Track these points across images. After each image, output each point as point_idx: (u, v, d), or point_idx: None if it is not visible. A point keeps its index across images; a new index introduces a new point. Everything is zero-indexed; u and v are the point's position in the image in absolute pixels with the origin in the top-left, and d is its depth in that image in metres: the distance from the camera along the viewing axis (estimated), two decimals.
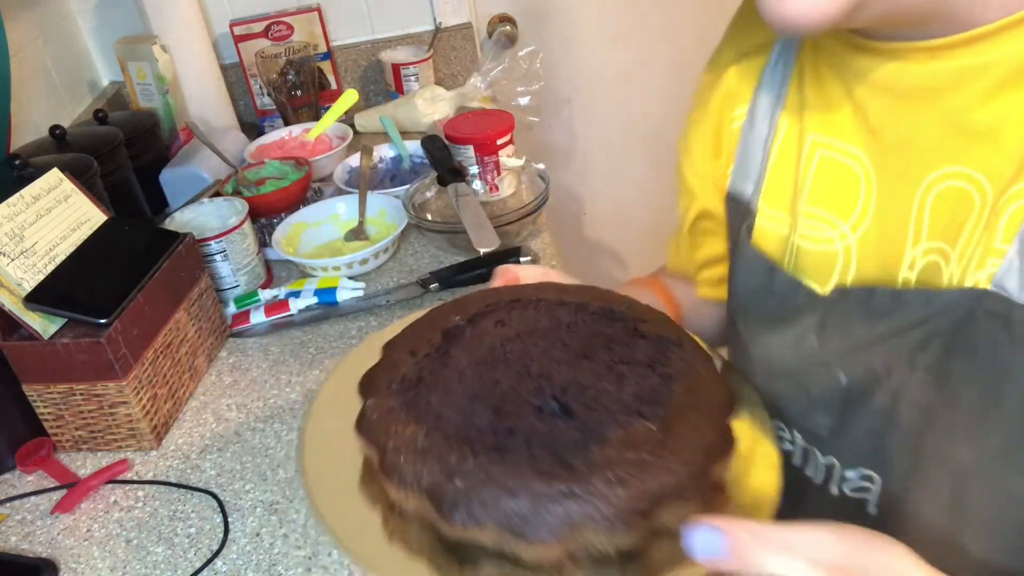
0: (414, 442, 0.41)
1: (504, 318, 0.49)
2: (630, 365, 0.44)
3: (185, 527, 0.73)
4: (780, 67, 0.58)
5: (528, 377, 0.44)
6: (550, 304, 0.50)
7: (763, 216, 0.59)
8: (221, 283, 1.01)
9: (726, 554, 0.34)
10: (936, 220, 0.47)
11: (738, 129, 0.61)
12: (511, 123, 1.16)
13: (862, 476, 0.55)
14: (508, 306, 0.50)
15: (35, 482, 0.81)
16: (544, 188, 1.07)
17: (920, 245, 0.48)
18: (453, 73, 1.65)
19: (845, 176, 0.53)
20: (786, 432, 0.60)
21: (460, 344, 0.47)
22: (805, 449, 0.59)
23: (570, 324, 0.48)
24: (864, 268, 0.52)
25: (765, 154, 0.58)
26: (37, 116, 1.24)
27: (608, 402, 0.42)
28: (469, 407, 0.42)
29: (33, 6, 1.32)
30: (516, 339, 0.47)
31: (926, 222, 0.48)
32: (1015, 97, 0.43)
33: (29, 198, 0.80)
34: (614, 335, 0.47)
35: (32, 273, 0.77)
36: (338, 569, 0.66)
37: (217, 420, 0.86)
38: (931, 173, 0.47)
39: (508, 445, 0.39)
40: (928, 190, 0.48)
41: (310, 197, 1.20)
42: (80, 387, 0.79)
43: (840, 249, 0.53)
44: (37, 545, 0.73)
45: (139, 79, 1.37)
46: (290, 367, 0.92)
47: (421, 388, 0.44)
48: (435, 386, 0.44)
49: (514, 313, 0.49)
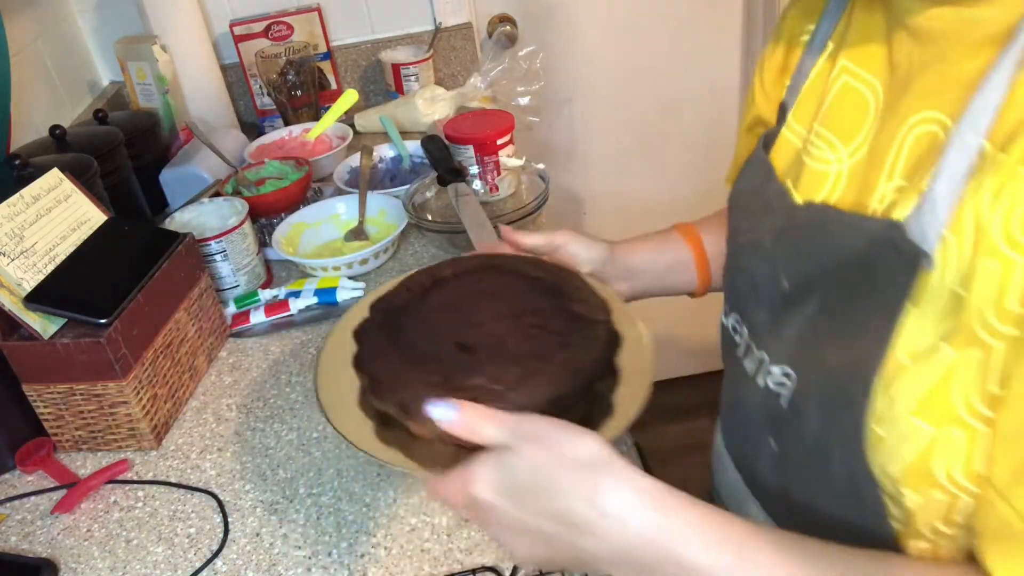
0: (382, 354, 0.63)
1: (482, 277, 0.70)
2: (541, 329, 0.62)
3: (185, 527, 0.73)
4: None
5: (467, 323, 0.64)
6: (517, 275, 0.68)
7: (788, 130, 0.63)
8: (221, 283, 1.01)
9: (455, 420, 0.50)
10: (908, 159, 0.50)
11: (803, 45, 0.64)
12: (511, 123, 1.16)
13: (783, 373, 0.58)
14: (488, 269, 0.71)
15: (35, 482, 0.81)
16: (544, 188, 1.07)
17: (892, 182, 0.51)
18: (453, 73, 1.65)
19: (858, 104, 0.56)
20: (741, 326, 0.67)
21: (441, 289, 0.69)
22: (748, 344, 0.65)
23: (521, 292, 0.67)
24: (846, 194, 0.55)
25: (806, 72, 0.62)
26: (37, 116, 1.24)
27: (503, 351, 0.61)
28: (422, 333, 0.64)
29: (33, 6, 1.32)
30: (478, 294, 0.68)
31: (901, 160, 0.51)
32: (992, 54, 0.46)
33: (29, 198, 0.80)
34: (546, 307, 0.64)
35: (32, 273, 0.77)
36: (338, 569, 0.67)
37: (217, 420, 0.86)
38: (918, 113, 0.50)
39: (426, 361, 0.61)
40: (910, 130, 0.50)
41: (310, 197, 1.20)
42: (80, 387, 0.79)
43: (833, 172, 0.56)
44: (37, 545, 0.73)
45: (139, 79, 1.37)
46: (290, 367, 0.92)
47: (401, 313, 0.68)
48: (410, 313, 0.67)
49: (489, 275, 0.70)
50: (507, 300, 0.67)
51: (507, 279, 0.69)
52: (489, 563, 0.64)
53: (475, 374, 0.59)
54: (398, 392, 0.59)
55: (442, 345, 0.63)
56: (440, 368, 0.60)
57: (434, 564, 0.65)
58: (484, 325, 0.64)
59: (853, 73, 0.57)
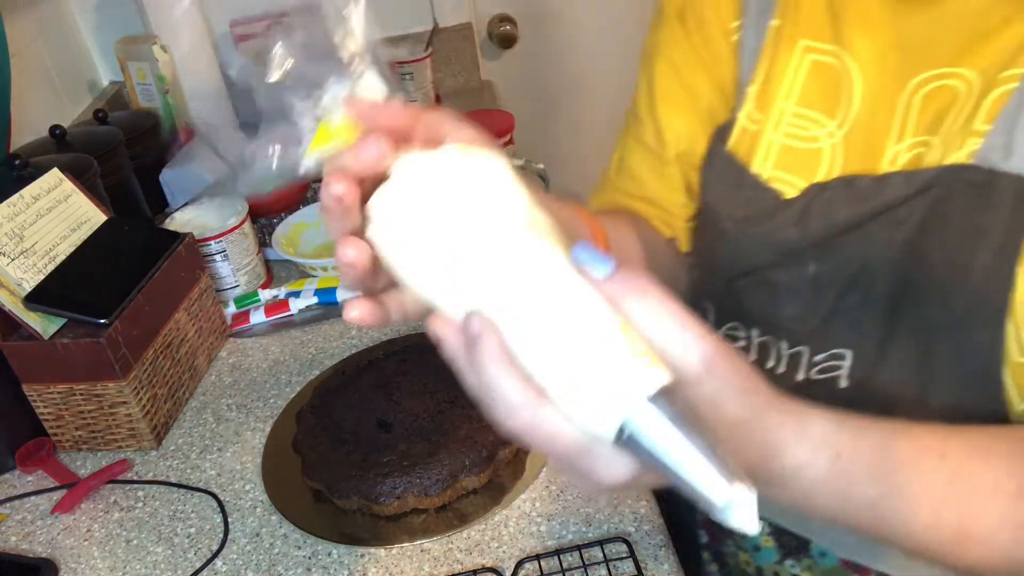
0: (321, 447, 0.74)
1: (408, 357, 0.81)
2: (452, 404, 0.73)
3: (185, 527, 0.73)
4: None
5: (389, 402, 0.75)
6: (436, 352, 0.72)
7: (745, 118, 0.61)
8: (221, 283, 1.01)
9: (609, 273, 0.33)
10: (922, 117, 0.51)
11: (734, 32, 0.62)
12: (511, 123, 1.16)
13: (830, 356, 0.58)
14: (415, 349, 0.82)
15: (35, 482, 0.81)
16: (544, 188, 1.07)
17: (904, 141, 0.52)
18: (453, 73, 1.65)
19: (833, 77, 0.55)
20: (742, 331, 0.64)
21: (373, 369, 0.81)
22: (762, 343, 0.63)
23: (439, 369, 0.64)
24: (849, 164, 0.55)
25: (754, 61, 0.60)
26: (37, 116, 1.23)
27: (416, 427, 0.71)
28: (351, 413, 0.76)
29: (33, 6, 1.32)
30: (402, 373, 0.79)
31: (913, 120, 0.51)
32: (1014, 5, 0.47)
33: (29, 198, 0.80)
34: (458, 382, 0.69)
35: (32, 273, 0.77)
36: (338, 569, 0.66)
37: (217, 420, 0.86)
38: (923, 72, 0.50)
39: (348, 441, 0.72)
40: (917, 89, 0.51)
41: (310, 197, 1.20)
42: (80, 387, 0.79)
43: (827, 147, 0.56)
44: (37, 545, 0.73)
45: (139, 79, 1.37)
46: (290, 367, 0.92)
47: (336, 395, 0.79)
48: (343, 394, 0.79)
49: (414, 354, 0.81)
50: (424, 378, 0.77)
51: (428, 357, 0.78)
52: (489, 563, 0.65)
53: (389, 451, 0.70)
54: (324, 472, 0.71)
55: (366, 424, 0.74)
56: (360, 447, 0.71)
57: (434, 564, 0.65)
58: (402, 403, 0.75)
59: (817, 50, 0.57)
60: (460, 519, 0.68)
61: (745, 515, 0.29)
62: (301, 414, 0.79)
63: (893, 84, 0.52)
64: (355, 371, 0.82)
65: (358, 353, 0.88)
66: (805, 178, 0.57)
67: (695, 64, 0.65)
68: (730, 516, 0.29)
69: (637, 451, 0.30)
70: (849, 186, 0.54)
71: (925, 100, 0.51)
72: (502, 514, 0.69)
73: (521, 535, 0.67)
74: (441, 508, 0.69)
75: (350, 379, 0.81)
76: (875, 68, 0.54)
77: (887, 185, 0.52)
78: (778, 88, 0.59)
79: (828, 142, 0.56)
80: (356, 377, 0.81)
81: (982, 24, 0.48)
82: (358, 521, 0.70)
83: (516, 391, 0.32)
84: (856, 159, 0.55)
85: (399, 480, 0.68)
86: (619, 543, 0.63)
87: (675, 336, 0.33)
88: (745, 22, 0.61)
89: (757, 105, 0.60)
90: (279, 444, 0.79)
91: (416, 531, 0.68)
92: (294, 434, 0.78)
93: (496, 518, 0.68)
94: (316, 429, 0.75)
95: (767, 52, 0.59)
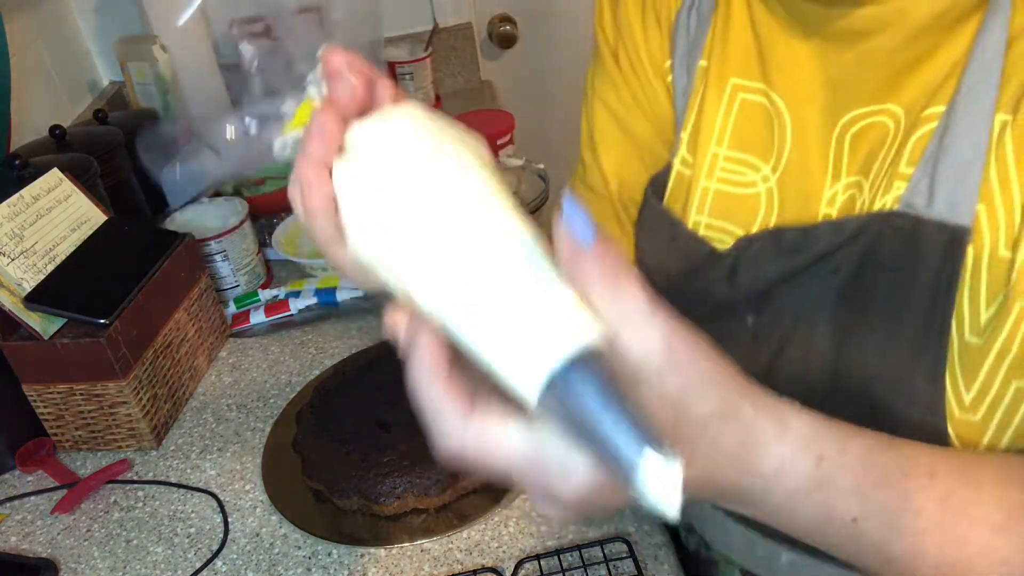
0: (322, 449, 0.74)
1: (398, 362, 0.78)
2: None
3: (185, 527, 0.73)
4: (696, 10, 0.57)
5: (387, 402, 0.76)
6: None
7: (679, 163, 0.58)
8: (221, 283, 1.01)
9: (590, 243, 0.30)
10: (854, 156, 0.49)
11: (667, 72, 0.59)
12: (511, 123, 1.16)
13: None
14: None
15: (35, 482, 0.81)
16: (544, 188, 1.07)
17: (840, 181, 0.50)
18: (453, 73, 1.65)
19: (765, 118, 0.53)
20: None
21: (372, 370, 0.82)
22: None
23: None
24: (785, 209, 0.53)
25: (685, 102, 0.58)
26: (37, 116, 1.23)
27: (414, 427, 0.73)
28: (351, 413, 0.76)
29: (33, 6, 1.32)
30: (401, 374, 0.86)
31: (845, 159, 0.50)
32: (936, 38, 0.46)
33: (29, 198, 0.80)
34: None
35: (32, 273, 0.77)
36: (338, 569, 0.66)
37: (217, 420, 0.86)
38: (852, 111, 0.49)
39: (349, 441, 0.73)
40: (847, 127, 0.49)
41: None
42: (80, 387, 0.79)
43: (763, 191, 0.54)
44: (37, 545, 0.73)
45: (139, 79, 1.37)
46: (290, 367, 0.92)
47: (336, 395, 0.79)
48: (343, 395, 0.79)
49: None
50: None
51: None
52: (489, 563, 0.64)
53: (389, 451, 0.70)
54: (324, 472, 0.72)
55: (366, 424, 0.74)
56: (360, 447, 0.71)
57: (434, 564, 0.65)
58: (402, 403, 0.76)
59: (747, 88, 0.54)
60: (460, 519, 0.68)
61: (660, 488, 0.26)
62: (301, 414, 0.79)
63: (823, 123, 0.50)
64: (355, 371, 0.82)
65: (358, 353, 0.88)
66: (742, 226, 0.55)
67: (632, 106, 0.62)
68: (645, 489, 0.26)
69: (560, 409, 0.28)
70: (777, 240, 0.52)
71: (855, 139, 0.49)
72: (502, 514, 0.69)
73: (521, 535, 0.67)
74: (441, 508, 0.69)
75: (350, 379, 0.81)
76: (804, 108, 0.52)
77: (815, 237, 0.50)
78: (710, 131, 0.56)
79: (763, 186, 0.54)
80: (356, 377, 0.81)
81: (902, 59, 0.47)
82: (358, 521, 0.70)
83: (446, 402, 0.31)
84: (793, 204, 0.52)
85: (399, 480, 0.68)
86: (619, 543, 0.63)
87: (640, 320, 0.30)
88: (675, 61, 0.58)
89: (689, 149, 0.57)
90: (279, 444, 0.79)
91: (416, 531, 0.68)
92: (294, 434, 0.78)
93: (496, 518, 0.69)
94: (316, 429, 0.75)
95: (696, 93, 0.57)
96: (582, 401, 0.27)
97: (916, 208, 0.46)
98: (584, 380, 0.27)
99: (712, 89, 0.56)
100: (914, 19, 0.45)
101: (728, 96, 0.55)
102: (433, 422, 0.33)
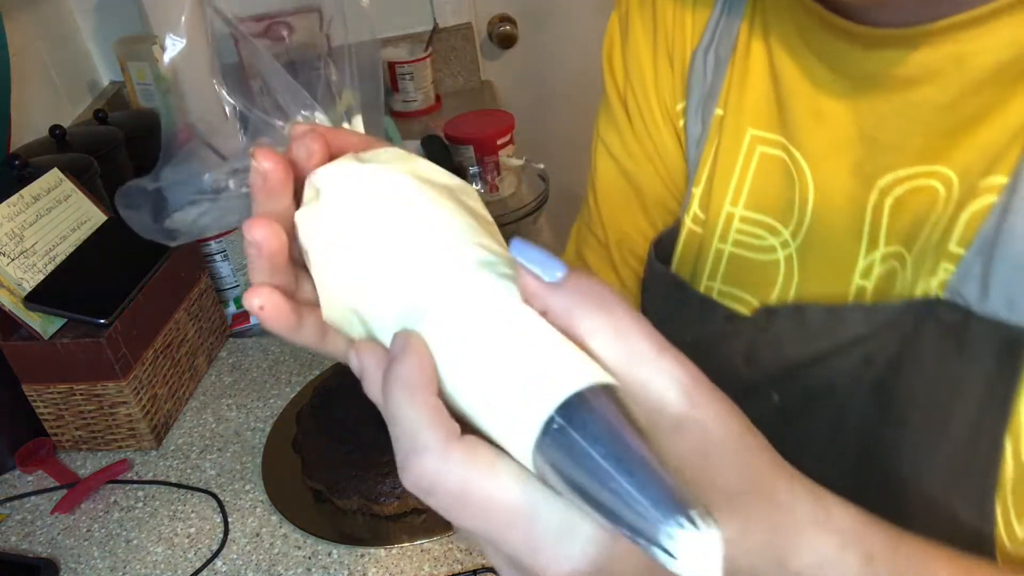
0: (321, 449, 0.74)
1: None
2: None
3: (185, 527, 0.73)
4: (714, 51, 0.50)
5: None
6: None
7: (690, 221, 0.52)
8: (221, 283, 1.01)
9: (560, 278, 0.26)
10: (896, 222, 0.42)
11: (679, 115, 0.53)
12: (511, 123, 1.16)
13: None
14: None
15: (35, 482, 0.81)
16: (544, 188, 1.07)
17: (877, 251, 0.43)
18: (453, 73, 1.65)
19: (785, 175, 0.47)
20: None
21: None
22: None
23: None
24: (808, 279, 0.46)
25: (698, 154, 0.51)
26: (37, 116, 1.23)
27: None
28: (351, 413, 0.76)
29: (33, 6, 1.32)
30: None
31: (884, 225, 0.43)
32: (999, 93, 0.37)
33: (29, 198, 0.80)
34: None
35: (32, 273, 0.77)
36: (338, 569, 0.66)
37: (217, 420, 0.86)
38: (893, 172, 0.42)
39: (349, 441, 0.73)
40: (887, 190, 0.42)
41: None
42: (80, 387, 0.79)
43: (782, 258, 0.47)
44: (37, 545, 0.73)
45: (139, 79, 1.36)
46: (290, 367, 0.92)
47: (336, 395, 0.78)
48: (343, 394, 0.78)
49: None
50: None
51: None
52: (489, 563, 0.64)
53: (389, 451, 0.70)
54: (324, 472, 0.72)
55: (366, 424, 0.74)
56: (360, 447, 0.71)
57: (434, 564, 0.65)
58: None
59: (766, 141, 0.47)
60: None
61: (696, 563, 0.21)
62: (301, 414, 0.79)
63: (856, 184, 0.43)
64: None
65: None
66: (758, 296, 0.48)
67: (639, 155, 0.56)
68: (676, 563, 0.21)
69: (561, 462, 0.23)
70: (799, 318, 0.45)
71: (898, 204, 0.42)
72: None
73: None
74: None
75: (350, 379, 0.81)
76: (830, 165, 0.44)
77: (843, 321, 0.43)
78: (724, 187, 0.49)
79: (783, 252, 0.47)
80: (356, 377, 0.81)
81: (956, 116, 0.39)
82: (358, 521, 0.70)
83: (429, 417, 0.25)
84: (818, 274, 0.46)
85: (399, 480, 0.68)
86: None
87: (646, 361, 0.25)
88: (689, 107, 0.51)
89: (702, 206, 0.51)
90: (279, 444, 0.79)
91: (416, 531, 0.68)
92: (294, 434, 0.78)
93: None
94: (316, 429, 0.75)
95: (711, 144, 0.50)
96: (587, 453, 0.22)
97: (966, 299, 0.38)
98: (590, 427, 0.22)
99: (728, 141, 0.49)
100: (974, 68, 0.38)
101: (746, 149, 0.48)
102: (405, 439, 0.26)
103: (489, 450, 0.25)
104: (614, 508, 0.22)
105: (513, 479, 0.24)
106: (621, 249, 0.60)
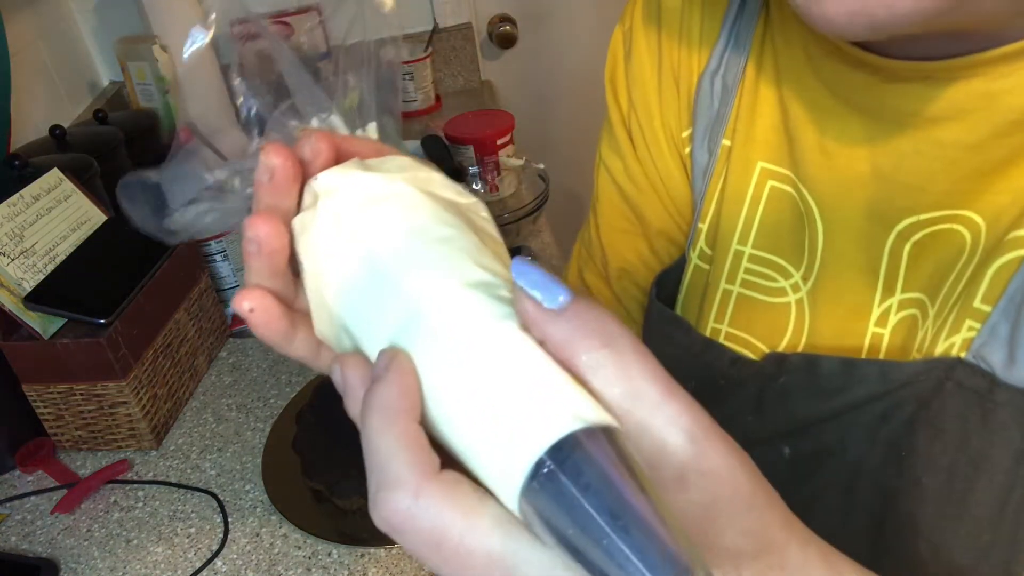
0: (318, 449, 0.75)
1: None
2: None
3: (185, 527, 0.73)
4: (721, 77, 0.47)
5: None
6: None
7: (696, 258, 0.50)
8: (221, 283, 1.01)
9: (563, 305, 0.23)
10: (917, 268, 0.39)
11: (685, 142, 0.50)
12: (511, 123, 1.16)
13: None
14: None
15: (35, 482, 0.81)
16: (544, 188, 1.07)
17: (893, 298, 0.40)
18: (453, 73, 1.65)
19: (795, 212, 0.44)
20: None
21: None
22: None
23: None
24: (820, 325, 0.43)
25: (705, 185, 0.48)
26: (37, 116, 1.23)
27: None
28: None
29: (33, 6, 1.32)
30: None
31: (902, 271, 0.40)
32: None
33: (29, 198, 0.80)
34: None
35: (32, 273, 0.77)
36: (338, 569, 0.66)
37: (217, 420, 0.86)
38: (914, 215, 0.39)
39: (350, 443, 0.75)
40: (907, 234, 0.39)
41: None
42: (80, 387, 0.79)
43: (792, 302, 0.44)
44: (37, 545, 0.73)
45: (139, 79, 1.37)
46: (290, 367, 0.92)
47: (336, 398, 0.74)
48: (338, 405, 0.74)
49: None
50: None
51: None
52: None
53: None
54: (324, 472, 0.71)
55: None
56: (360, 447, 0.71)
57: None
58: None
59: (777, 175, 0.44)
60: None
61: None
62: (301, 414, 0.79)
63: (871, 225, 0.40)
64: None
65: None
66: (767, 341, 0.45)
67: (642, 182, 0.53)
68: None
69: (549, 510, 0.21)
70: (811, 370, 0.42)
71: (918, 249, 0.39)
72: None
73: None
74: None
75: None
76: (841, 204, 0.41)
77: (856, 378, 0.40)
78: (733, 224, 0.46)
79: (793, 296, 0.44)
80: None
81: (986, 158, 0.36)
82: (358, 521, 0.70)
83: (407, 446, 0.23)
84: (830, 321, 0.43)
85: None
86: None
87: (651, 403, 0.23)
88: (695, 134, 0.48)
89: (708, 242, 0.48)
90: (279, 444, 0.79)
91: None
92: (294, 434, 0.78)
93: None
94: (316, 429, 0.75)
95: (718, 176, 0.47)
96: (579, 504, 0.20)
97: (991, 364, 0.35)
98: (585, 474, 0.20)
99: (737, 174, 0.46)
100: (1005, 108, 0.35)
101: (755, 183, 0.45)
102: (378, 471, 0.24)
103: (470, 490, 0.23)
104: (605, 569, 0.20)
105: (493, 524, 0.22)
106: (623, 280, 0.57)
